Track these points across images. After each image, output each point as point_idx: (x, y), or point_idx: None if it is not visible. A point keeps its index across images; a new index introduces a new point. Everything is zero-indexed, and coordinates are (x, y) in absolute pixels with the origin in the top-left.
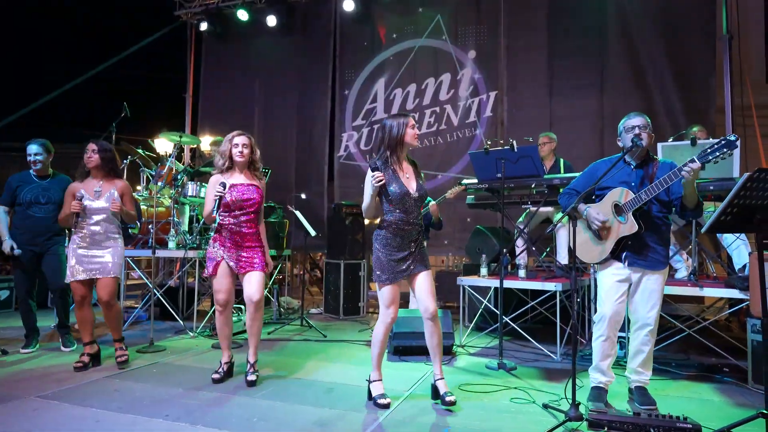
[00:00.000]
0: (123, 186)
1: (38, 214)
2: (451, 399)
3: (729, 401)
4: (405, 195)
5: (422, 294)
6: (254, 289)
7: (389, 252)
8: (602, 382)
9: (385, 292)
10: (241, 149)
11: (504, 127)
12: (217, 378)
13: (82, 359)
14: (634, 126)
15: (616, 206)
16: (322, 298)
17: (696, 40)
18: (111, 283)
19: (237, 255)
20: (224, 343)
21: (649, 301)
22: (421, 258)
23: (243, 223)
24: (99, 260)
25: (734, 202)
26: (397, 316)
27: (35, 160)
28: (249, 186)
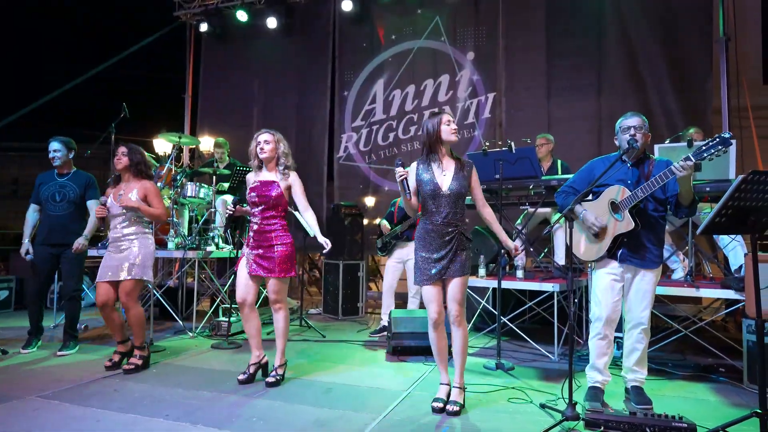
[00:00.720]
0: (147, 186)
1: (53, 212)
2: (451, 409)
3: (724, 401)
4: (436, 191)
5: (449, 300)
6: (270, 294)
7: (423, 251)
8: (599, 381)
9: (423, 293)
10: (263, 146)
11: (502, 129)
12: (242, 379)
13: (113, 358)
14: (629, 126)
15: (613, 204)
16: (320, 299)
17: (693, 42)
18: (129, 285)
19: (255, 255)
20: (251, 342)
21: (643, 300)
22: (457, 262)
23: (263, 220)
24: (121, 263)
25: (729, 204)
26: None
27: (54, 156)
28: (267, 183)
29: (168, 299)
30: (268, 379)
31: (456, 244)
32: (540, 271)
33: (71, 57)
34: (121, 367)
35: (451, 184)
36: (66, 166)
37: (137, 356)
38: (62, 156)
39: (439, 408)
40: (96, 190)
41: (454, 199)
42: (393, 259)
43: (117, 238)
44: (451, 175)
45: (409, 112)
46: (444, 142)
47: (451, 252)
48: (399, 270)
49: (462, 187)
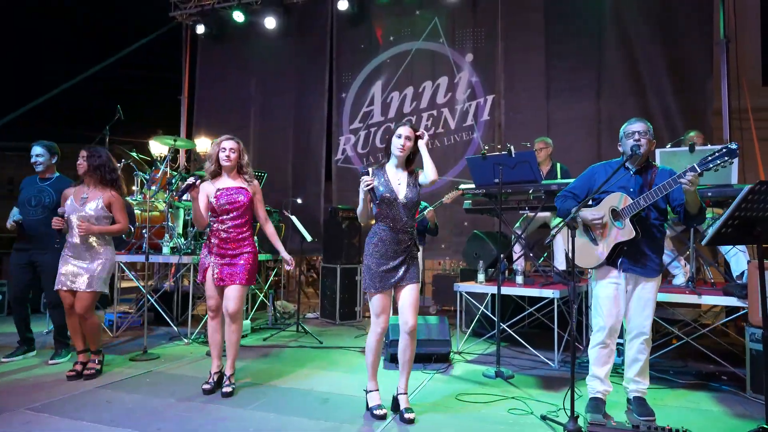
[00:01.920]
0: (112, 195)
1: (28, 217)
2: (410, 416)
3: (728, 411)
4: (392, 200)
5: (405, 307)
6: (230, 301)
7: (378, 259)
8: (600, 392)
9: (375, 301)
10: (228, 153)
11: (501, 131)
12: (207, 389)
13: (75, 368)
14: (634, 132)
15: (614, 211)
16: (318, 301)
17: (693, 43)
18: (87, 297)
19: (221, 264)
20: (214, 351)
21: (644, 309)
22: (412, 269)
23: (232, 228)
24: (82, 272)
25: (735, 215)
26: (388, 324)
27: (36, 161)
28: (236, 189)
29: (163, 304)
30: (225, 389)
31: (410, 252)
32: (539, 275)
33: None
34: (82, 377)
35: (407, 193)
36: (49, 170)
37: (95, 361)
38: (45, 161)
39: (383, 414)
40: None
41: (410, 207)
42: None
43: (76, 244)
44: (405, 185)
45: (407, 114)
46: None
47: (407, 259)
48: None
49: (415, 196)
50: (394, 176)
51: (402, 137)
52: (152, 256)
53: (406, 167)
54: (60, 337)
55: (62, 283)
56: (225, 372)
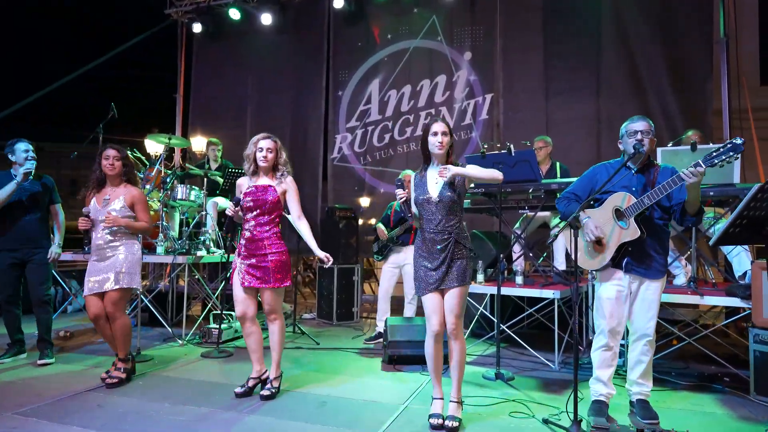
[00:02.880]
0: (135, 194)
1: (22, 218)
2: (449, 424)
3: (732, 414)
4: (426, 201)
5: (445, 311)
6: (265, 304)
7: (419, 261)
8: (603, 394)
9: (424, 303)
10: (266, 154)
11: (500, 130)
12: (239, 392)
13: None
14: (636, 131)
15: (617, 211)
16: (314, 302)
17: (693, 43)
18: (115, 295)
19: (247, 266)
20: (252, 357)
21: (648, 311)
22: (453, 272)
23: (258, 226)
24: (106, 272)
25: (744, 214)
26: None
27: (29, 156)
28: (264, 187)
29: (157, 304)
30: (263, 392)
31: (450, 253)
32: (539, 275)
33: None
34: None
35: (442, 192)
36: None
37: (120, 369)
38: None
39: (439, 425)
40: (57, 193)
41: (446, 206)
42: (389, 264)
43: (101, 245)
44: (441, 183)
45: (405, 112)
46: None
47: (446, 261)
48: (395, 275)
49: (453, 193)
50: (432, 176)
51: (438, 134)
52: (147, 256)
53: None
54: (46, 336)
55: (90, 289)
56: (270, 375)
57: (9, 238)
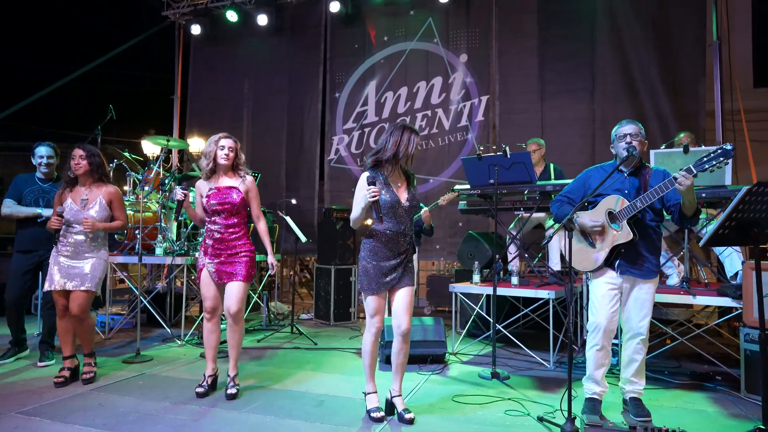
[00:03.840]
0: (112, 192)
1: (39, 219)
2: (410, 416)
3: (723, 412)
4: (396, 205)
5: (399, 310)
6: (232, 300)
7: (377, 262)
8: (596, 392)
9: (370, 303)
10: (227, 152)
11: (496, 132)
12: (201, 392)
13: (62, 374)
14: (625, 134)
15: (610, 214)
16: (312, 302)
17: (686, 46)
18: (83, 296)
19: (218, 263)
20: (209, 354)
21: (641, 310)
22: (407, 272)
23: (225, 228)
24: (77, 271)
25: (733, 216)
26: (383, 325)
27: (48, 163)
28: (227, 189)
29: (156, 305)
30: (230, 391)
31: (408, 254)
32: (534, 276)
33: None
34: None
35: (408, 197)
36: (52, 172)
37: (92, 363)
38: (53, 163)
39: (381, 417)
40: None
41: (412, 211)
42: None
43: (74, 243)
44: (404, 188)
45: (401, 114)
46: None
47: (404, 262)
48: None
49: (415, 199)
50: (393, 179)
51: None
52: (145, 257)
53: (401, 170)
54: (48, 338)
55: (56, 283)
56: (228, 373)
57: (26, 240)
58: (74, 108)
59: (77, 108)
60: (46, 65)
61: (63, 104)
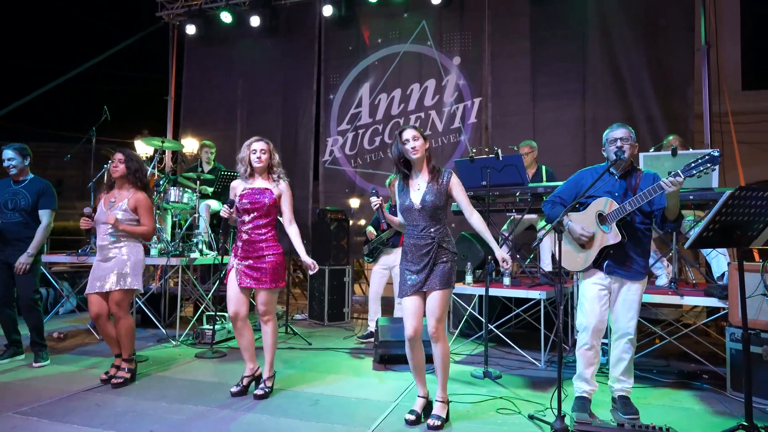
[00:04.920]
0: (139, 198)
1: (5, 220)
2: (431, 423)
3: (709, 409)
4: (408, 208)
5: (427, 314)
6: (259, 305)
7: (404, 264)
8: (586, 391)
9: (403, 306)
10: (259, 155)
11: (488, 133)
12: (234, 391)
13: (111, 371)
14: (616, 138)
15: (600, 215)
16: (306, 302)
17: (675, 50)
18: (118, 295)
19: (245, 266)
20: (244, 355)
21: (629, 311)
22: (435, 275)
23: (254, 229)
24: (108, 272)
25: (716, 219)
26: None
27: (8, 165)
28: (261, 190)
29: (150, 306)
30: (257, 392)
31: (434, 257)
32: (526, 276)
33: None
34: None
35: (424, 198)
36: (22, 173)
37: (125, 369)
38: (17, 164)
39: (411, 420)
40: (50, 198)
41: (428, 212)
42: (379, 266)
43: (104, 246)
44: (424, 189)
45: (395, 116)
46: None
47: (429, 265)
48: (385, 276)
49: (437, 199)
50: (413, 182)
51: (410, 140)
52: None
53: (426, 169)
54: (38, 339)
55: (93, 287)
56: (263, 374)
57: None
58: (68, 108)
59: (71, 108)
60: (41, 65)
61: (57, 104)
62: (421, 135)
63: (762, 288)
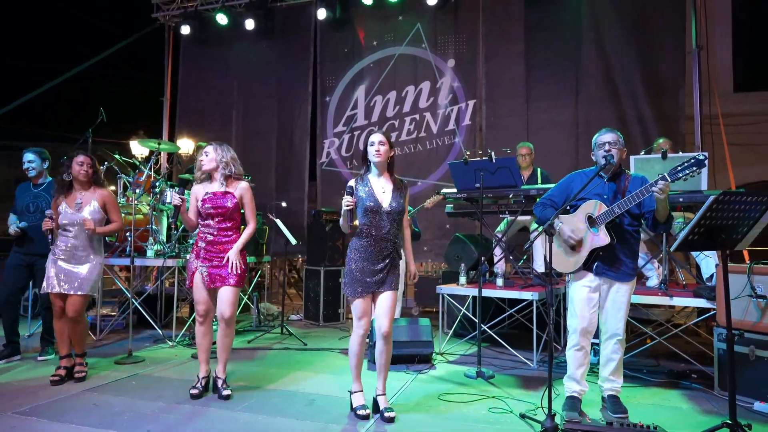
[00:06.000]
0: (105, 195)
1: (29, 223)
2: (390, 415)
3: (696, 408)
4: (376, 209)
5: (380, 313)
6: (224, 305)
7: (360, 265)
8: (576, 391)
9: (356, 305)
10: (202, 157)
11: (482, 135)
12: (195, 393)
13: (59, 372)
14: (605, 142)
15: (590, 218)
16: (301, 303)
17: (667, 52)
18: (79, 300)
19: (209, 267)
20: (202, 356)
21: (618, 312)
22: (391, 277)
23: (218, 232)
24: (74, 275)
25: (701, 223)
26: (369, 327)
27: (28, 167)
28: (222, 194)
29: (147, 306)
30: (224, 393)
31: (392, 260)
32: (519, 277)
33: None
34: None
35: (392, 203)
36: (40, 175)
37: (83, 363)
38: (37, 167)
39: (366, 414)
40: None
41: (394, 216)
42: None
43: (70, 248)
44: (390, 194)
45: (390, 118)
46: (375, 163)
47: (387, 266)
48: None
49: (400, 205)
50: (377, 185)
51: (375, 144)
52: (137, 259)
53: (389, 175)
54: (47, 335)
55: (52, 285)
56: (218, 375)
57: (23, 242)
58: (65, 108)
59: (68, 108)
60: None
61: (54, 105)
62: (388, 142)
63: (748, 289)
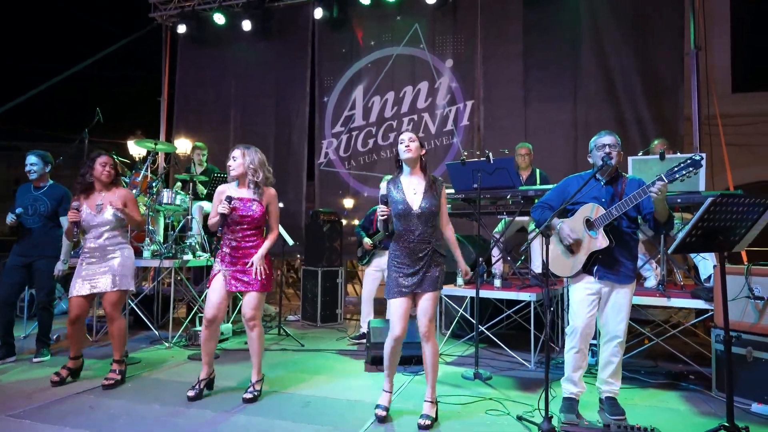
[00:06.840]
0: (125, 194)
1: (27, 225)
2: (421, 422)
3: (694, 410)
4: (406, 212)
5: (419, 313)
6: (246, 308)
7: (396, 267)
8: (574, 393)
9: (390, 307)
10: (230, 162)
11: (480, 136)
12: (192, 396)
13: (61, 372)
14: (604, 145)
15: (588, 221)
16: (298, 303)
17: (665, 54)
18: (114, 296)
19: (232, 270)
20: (204, 359)
21: (618, 314)
22: (429, 279)
23: (243, 238)
24: (102, 273)
25: (698, 225)
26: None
27: (30, 170)
28: (249, 201)
29: (143, 307)
30: (246, 395)
31: (429, 260)
32: (517, 278)
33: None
34: (65, 383)
35: (422, 204)
36: (42, 179)
37: (116, 371)
38: (38, 170)
39: (382, 417)
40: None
41: (426, 217)
42: (372, 268)
43: (95, 248)
44: (421, 194)
45: (388, 118)
46: (405, 160)
47: (424, 267)
48: (378, 278)
49: (432, 205)
50: (408, 185)
51: (405, 141)
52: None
53: (423, 174)
54: (43, 337)
55: (80, 288)
56: (251, 379)
57: (21, 244)
58: (62, 108)
59: (65, 108)
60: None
61: (51, 105)
62: (417, 139)
63: (746, 290)
